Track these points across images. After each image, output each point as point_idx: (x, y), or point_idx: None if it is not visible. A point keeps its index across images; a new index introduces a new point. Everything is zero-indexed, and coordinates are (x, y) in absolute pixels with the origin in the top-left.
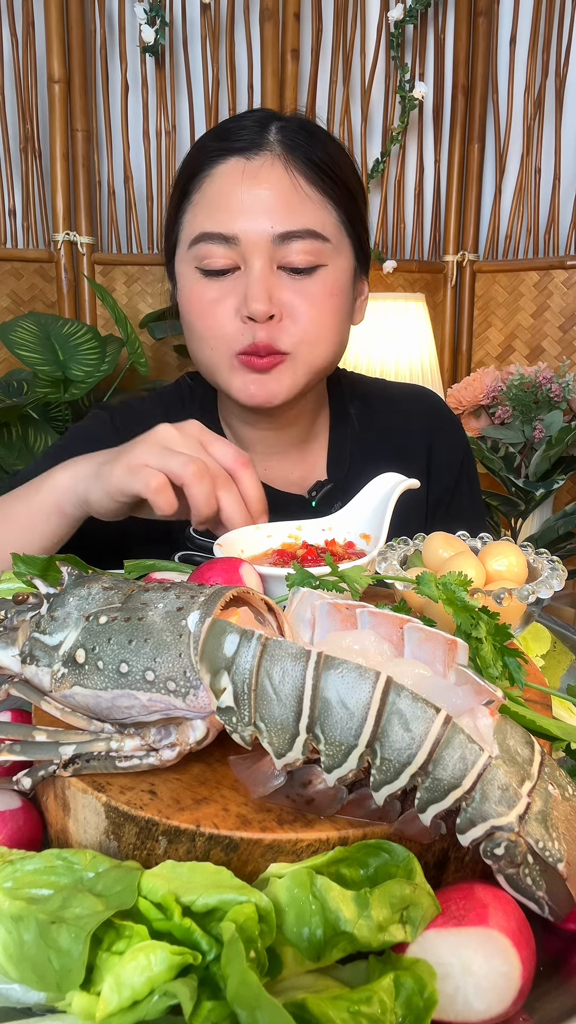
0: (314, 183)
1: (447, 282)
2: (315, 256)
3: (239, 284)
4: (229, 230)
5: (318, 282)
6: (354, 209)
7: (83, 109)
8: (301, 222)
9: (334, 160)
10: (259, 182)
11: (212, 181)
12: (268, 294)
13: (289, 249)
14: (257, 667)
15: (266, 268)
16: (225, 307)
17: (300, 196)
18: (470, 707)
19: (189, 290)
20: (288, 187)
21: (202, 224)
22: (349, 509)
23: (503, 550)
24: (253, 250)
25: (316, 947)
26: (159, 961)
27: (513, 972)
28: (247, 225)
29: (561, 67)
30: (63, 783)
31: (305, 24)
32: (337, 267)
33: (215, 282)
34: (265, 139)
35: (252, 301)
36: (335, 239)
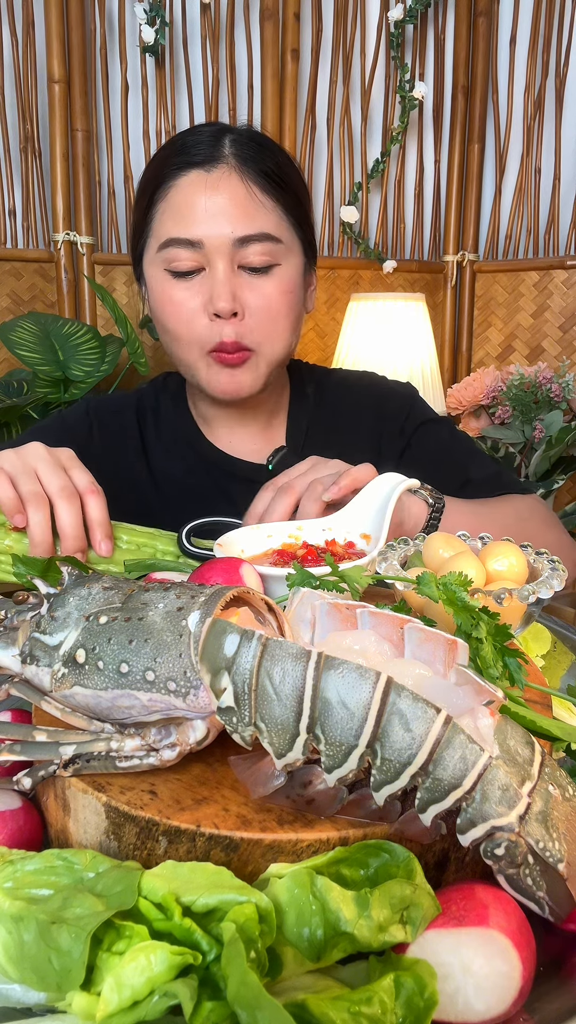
0: (266, 191)
1: (447, 282)
2: (270, 256)
3: (204, 284)
4: (194, 235)
5: (274, 281)
6: (301, 212)
7: (83, 109)
8: (257, 226)
9: (282, 169)
10: (218, 192)
11: (177, 191)
12: (232, 293)
13: (248, 251)
14: (257, 667)
15: (228, 269)
16: (193, 306)
17: (255, 203)
18: (470, 707)
19: (160, 291)
20: (244, 195)
21: (169, 230)
22: (349, 509)
23: (503, 550)
24: (216, 253)
25: (316, 947)
26: (159, 961)
27: (513, 972)
28: (209, 230)
29: (561, 67)
30: (63, 783)
31: (305, 24)
32: (290, 264)
33: (183, 283)
34: (220, 152)
35: (217, 300)
36: (287, 240)
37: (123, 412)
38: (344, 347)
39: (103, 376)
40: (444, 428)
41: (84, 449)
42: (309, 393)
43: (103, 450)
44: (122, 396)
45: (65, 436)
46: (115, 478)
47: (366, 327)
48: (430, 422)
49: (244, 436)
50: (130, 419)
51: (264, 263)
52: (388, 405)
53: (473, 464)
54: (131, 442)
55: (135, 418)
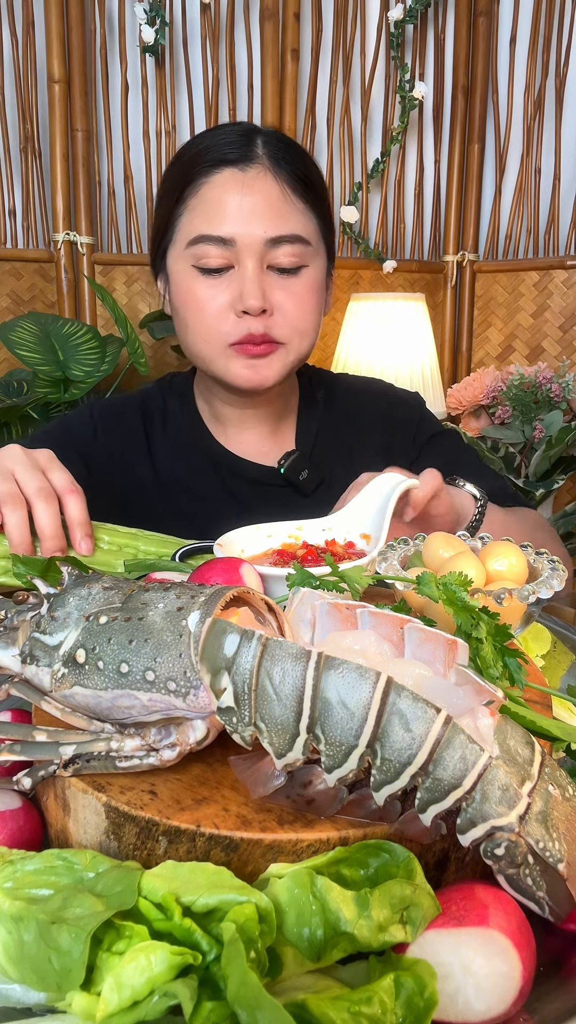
0: (297, 192)
1: (447, 282)
2: (299, 258)
3: (233, 282)
4: (226, 233)
5: (302, 281)
6: (327, 216)
7: (83, 109)
8: (289, 227)
9: (310, 172)
10: (253, 191)
11: (210, 188)
12: (262, 291)
13: (278, 252)
14: (257, 667)
15: (258, 268)
16: (219, 303)
17: (288, 204)
18: (470, 707)
19: (185, 287)
20: (278, 196)
21: (200, 227)
22: (349, 509)
23: (503, 550)
24: (247, 252)
25: (316, 947)
26: (159, 961)
27: (513, 972)
28: (242, 229)
29: (561, 67)
30: (63, 783)
31: (305, 24)
32: (316, 267)
33: (210, 280)
34: (254, 152)
35: (248, 297)
36: (314, 242)
37: (127, 414)
38: (344, 347)
39: (103, 376)
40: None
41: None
42: (319, 398)
43: (108, 453)
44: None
45: (69, 440)
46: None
47: (366, 327)
48: (440, 434)
49: (253, 438)
50: (135, 421)
51: (293, 264)
52: (398, 414)
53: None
54: (136, 444)
55: (140, 420)
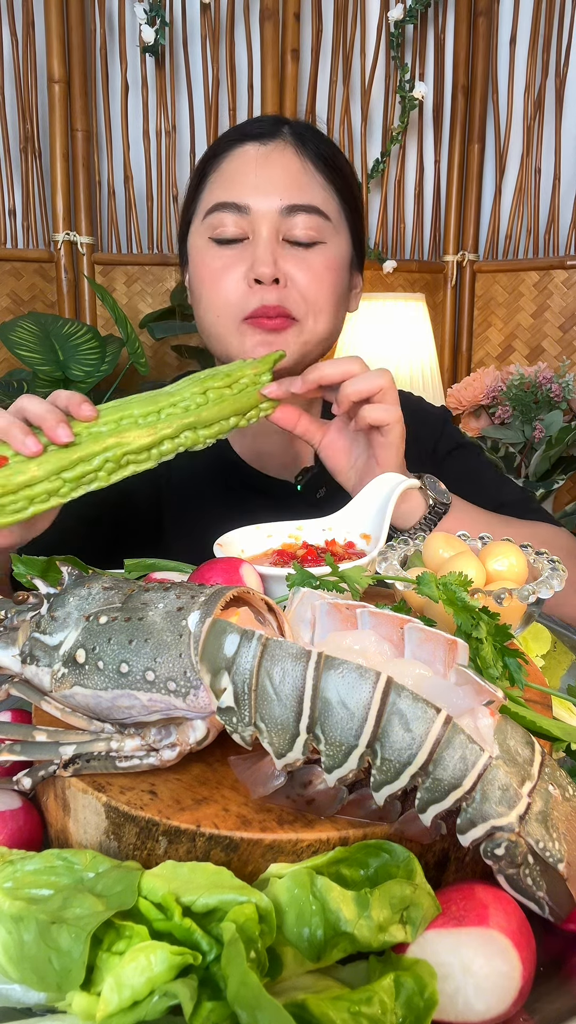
0: (320, 169)
1: (447, 282)
2: (317, 232)
3: (247, 253)
4: (241, 200)
5: (319, 256)
6: (353, 204)
7: (83, 109)
8: (307, 198)
9: (338, 159)
10: (271, 161)
11: (229, 161)
12: (274, 259)
13: (294, 222)
14: (257, 667)
15: (272, 237)
16: (233, 274)
17: (308, 176)
18: (470, 707)
19: (199, 260)
20: (298, 167)
21: (217, 196)
22: (349, 509)
23: (503, 550)
24: (262, 220)
25: (316, 947)
26: (159, 961)
27: (513, 972)
28: (258, 196)
29: (561, 67)
30: (63, 783)
31: (305, 24)
32: (336, 246)
33: (224, 251)
34: (279, 131)
35: (260, 265)
36: (335, 219)
37: None
38: (344, 347)
39: (103, 376)
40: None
41: None
42: None
43: None
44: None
45: None
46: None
47: (366, 327)
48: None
49: (272, 448)
50: None
51: (309, 238)
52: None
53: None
54: None
55: None
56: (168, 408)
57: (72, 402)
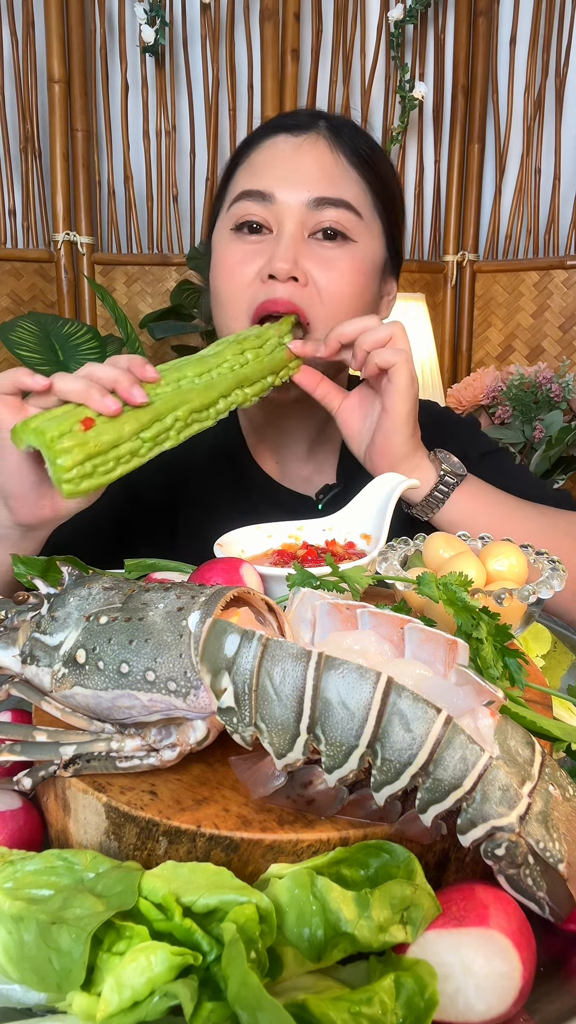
0: (354, 164)
1: (447, 282)
2: (346, 227)
3: (268, 247)
4: (268, 189)
5: (347, 255)
6: (389, 202)
7: (83, 109)
8: (337, 191)
9: (376, 155)
10: (303, 153)
11: (260, 152)
12: (294, 256)
13: (322, 215)
14: (258, 667)
15: (297, 232)
16: (250, 267)
17: (340, 169)
18: (471, 707)
19: (221, 253)
20: (330, 160)
21: (244, 184)
22: (349, 509)
23: (503, 550)
24: (288, 212)
25: (317, 948)
26: (160, 962)
27: (514, 973)
28: (285, 186)
29: (561, 67)
30: (63, 783)
31: (305, 24)
32: (368, 247)
33: (245, 243)
34: (315, 124)
35: (277, 260)
36: (367, 218)
37: None
38: None
39: None
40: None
41: None
42: None
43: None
44: None
45: None
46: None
47: None
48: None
49: (291, 459)
50: None
51: (338, 233)
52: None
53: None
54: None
55: None
56: (216, 368)
57: (134, 364)
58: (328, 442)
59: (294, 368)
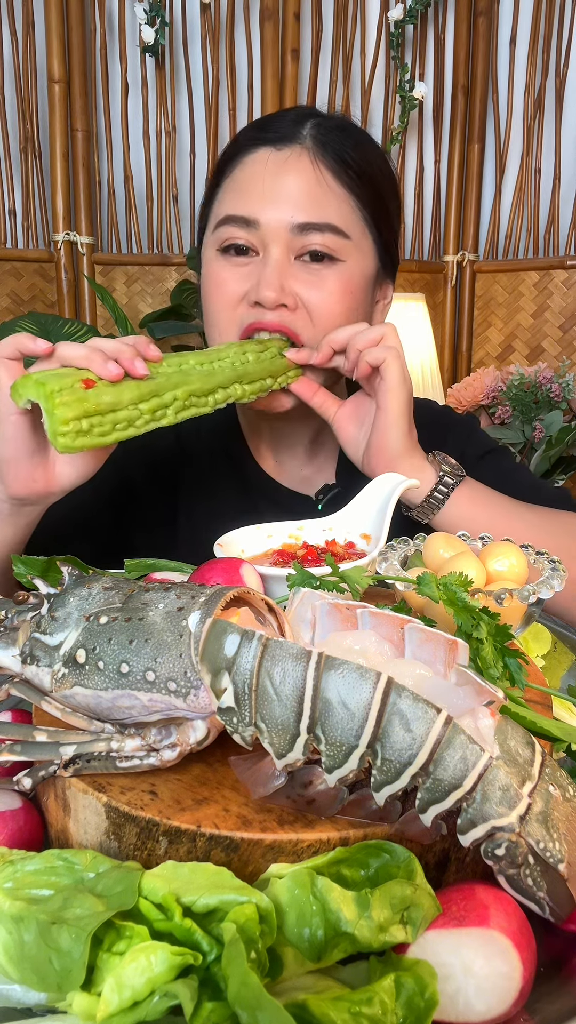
0: (340, 178)
1: (447, 282)
2: (333, 250)
3: (255, 269)
4: (251, 214)
5: (334, 274)
6: (381, 211)
7: (83, 109)
8: (322, 215)
9: (366, 160)
10: (284, 172)
11: (243, 168)
12: (280, 283)
13: (308, 240)
14: (258, 667)
15: (283, 257)
16: (238, 290)
17: (323, 189)
18: (471, 708)
19: (207, 273)
20: (312, 179)
21: (227, 207)
22: (349, 509)
23: (503, 550)
24: (272, 237)
25: (317, 948)
26: (160, 962)
27: (514, 973)
28: (269, 211)
29: (561, 67)
30: (63, 783)
31: (305, 24)
32: (357, 264)
33: (232, 265)
34: (298, 133)
35: (264, 287)
36: (356, 236)
37: None
38: None
39: None
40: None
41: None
42: None
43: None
44: None
45: None
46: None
47: None
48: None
49: (291, 460)
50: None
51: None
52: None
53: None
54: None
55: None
56: (218, 361)
57: (139, 343)
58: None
59: (292, 377)
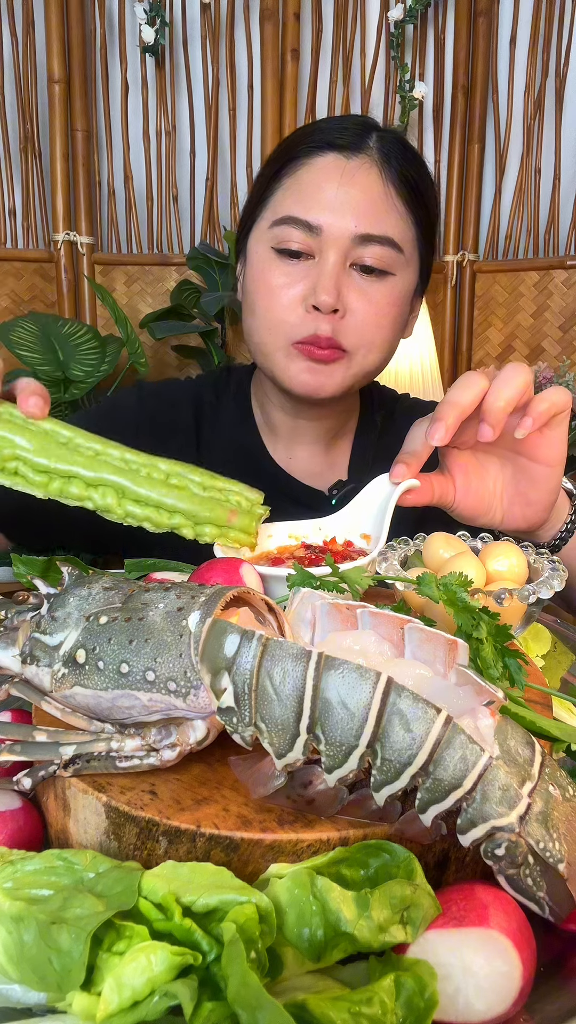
0: (402, 196)
1: (447, 282)
2: (388, 263)
3: (310, 273)
4: (314, 219)
5: (385, 289)
6: (430, 232)
7: (83, 109)
8: (383, 228)
9: (422, 178)
10: (354, 182)
11: (308, 170)
12: (337, 288)
13: (365, 251)
14: (258, 667)
15: (339, 263)
16: (291, 294)
17: (388, 204)
18: (471, 708)
19: (260, 270)
20: (379, 193)
21: (290, 208)
22: (350, 509)
23: (503, 550)
24: (332, 244)
25: (317, 948)
26: (160, 961)
27: (514, 973)
28: (333, 219)
29: (561, 67)
30: (63, 783)
31: (305, 24)
32: (404, 279)
33: (287, 266)
34: (366, 143)
35: (321, 292)
36: (408, 252)
37: (179, 405)
38: None
39: (103, 376)
40: None
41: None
42: (377, 421)
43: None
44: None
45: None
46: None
47: None
48: None
49: (305, 455)
50: (187, 413)
51: (380, 267)
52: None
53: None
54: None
55: (192, 414)
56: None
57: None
58: (342, 439)
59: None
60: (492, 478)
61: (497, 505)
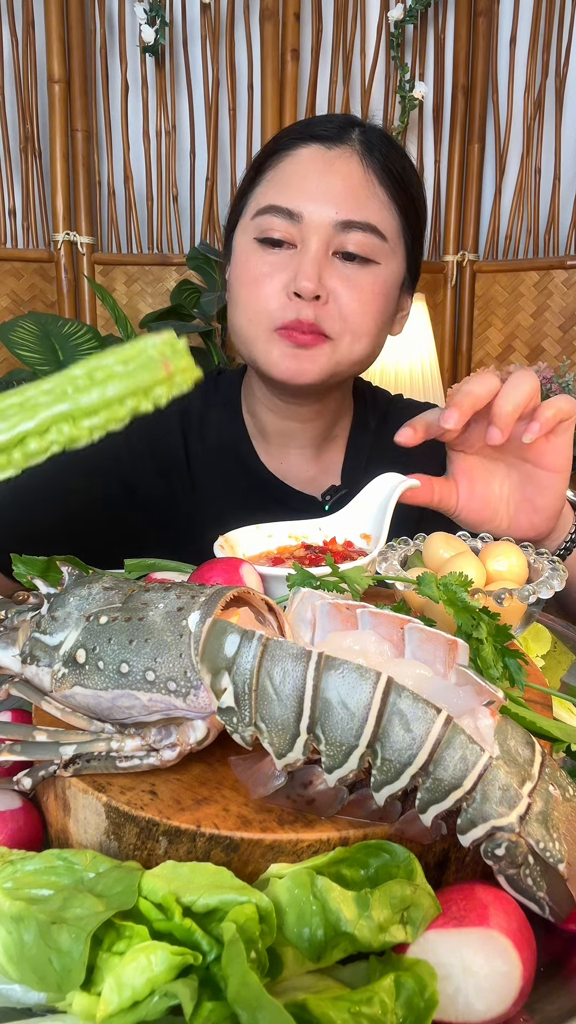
0: (383, 182)
1: (447, 282)
2: (371, 251)
3: (292, 262)
4: (295, 207)
5: (370, 277)
6: (415, 224)
7: (83, 109)
8: (365, 215)
9: (406, 171)
10: (335, 171)
11: (290, 161)
12: (319, 275)
13: (348, 238)
14: (258, 667)
15: (321, 250)
16: (273, 282)
17: (369, 192)
18: (471, 708)
19: (243, 260)
20: (360, 180)
21: (272, 197)
22: (349, 509)
23: (503, 550)
24: (314, 231)
25: (317, 948)
26: (160, 961)
27: (514, 973)
28: (314, 206)
29: (561, 67)
30: (63, 783)
31: (305, 24)
32: (388, 269)
33: (269, 255)
34: (348, 136)
35: (302, 278)
36: (392, 240)
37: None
38: None
39: None
40: None
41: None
42: (372, 424)
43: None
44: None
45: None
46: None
47: None
48: None
49: (297, 460)
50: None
51: (363, 254)
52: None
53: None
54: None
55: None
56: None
57: None
58: (334, 442)
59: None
60: (498, 483)
61: (503, 511)
